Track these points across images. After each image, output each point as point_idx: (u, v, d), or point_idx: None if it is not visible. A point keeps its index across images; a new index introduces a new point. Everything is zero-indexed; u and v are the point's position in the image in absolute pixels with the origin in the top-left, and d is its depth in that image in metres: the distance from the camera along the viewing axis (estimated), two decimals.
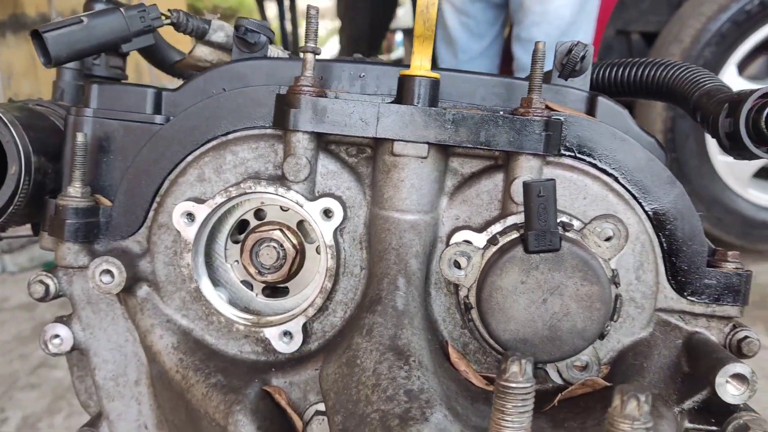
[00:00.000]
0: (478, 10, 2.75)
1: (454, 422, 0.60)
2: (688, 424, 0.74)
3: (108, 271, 0.74)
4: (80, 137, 0.75)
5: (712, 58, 3.05)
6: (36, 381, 2.42)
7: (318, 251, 0.81)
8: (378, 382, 0.63)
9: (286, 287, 0.83)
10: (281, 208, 0.81)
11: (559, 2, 2.42)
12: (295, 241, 0.80)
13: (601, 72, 0.90)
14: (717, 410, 0.73)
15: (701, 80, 0.83)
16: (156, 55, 0.99)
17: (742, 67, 3.18)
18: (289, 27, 5.63)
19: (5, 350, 2.66)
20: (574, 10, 2.44)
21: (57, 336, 0.80)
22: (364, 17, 4.82)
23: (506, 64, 2.84)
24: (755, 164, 3.26)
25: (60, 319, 0.81)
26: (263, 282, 0.80)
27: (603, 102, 0.80)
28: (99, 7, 0.87)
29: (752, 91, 0.69)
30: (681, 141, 3.13)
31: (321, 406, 0.73)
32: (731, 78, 3.11)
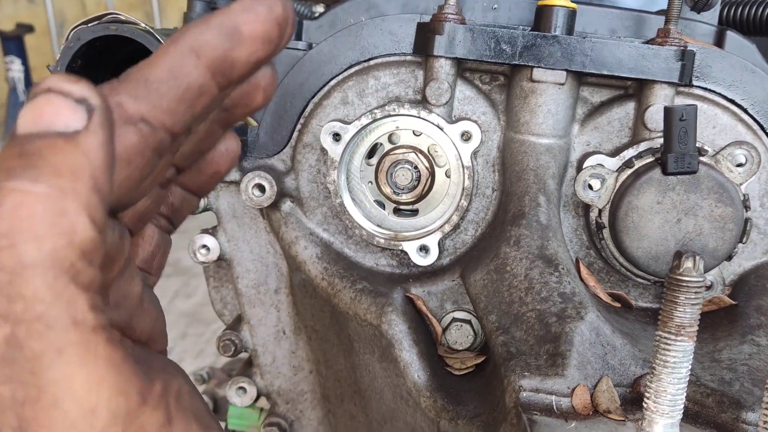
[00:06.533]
0: None
1: (605, 323, 0.65)
2: None
3: (259, 185, 0.80)
4: None
5: None
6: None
7: (447, 175, 0.85)
8: (531, 286, 0.68)
9: (414, 210, 0.88)
10: (413, 132, 0.85)
11: None
12: (427, 164, 0.84)
13: (726, 10, 0.91)
14: None
15: None
16: None
17: None
18: None
19: None
20: None
21: (205, 246, 0.87)
22: None
23: None
24: None
25: (206, 231, 0.88)
26: (396, 202, 0.85)
27: (732, 36, 0.82)
28: None
29: None
30: None
31: (458, 314, 0.78)
32: None
